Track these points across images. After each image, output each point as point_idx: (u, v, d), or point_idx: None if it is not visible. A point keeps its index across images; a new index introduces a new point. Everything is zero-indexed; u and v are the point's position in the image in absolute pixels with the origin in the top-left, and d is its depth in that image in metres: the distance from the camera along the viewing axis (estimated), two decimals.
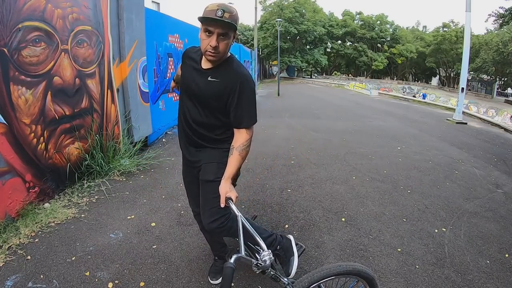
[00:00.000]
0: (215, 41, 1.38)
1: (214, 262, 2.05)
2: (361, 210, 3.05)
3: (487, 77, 32.47)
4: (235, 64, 1.54)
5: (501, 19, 31.02)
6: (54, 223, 2.52)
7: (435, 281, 2.07)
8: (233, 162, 1.48)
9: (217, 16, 1.34)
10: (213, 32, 1.37)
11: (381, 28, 40.25)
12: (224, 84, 1.49)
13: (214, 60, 1.46)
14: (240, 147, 1.50)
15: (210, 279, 1.98)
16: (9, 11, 2.38)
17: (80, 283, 1.89)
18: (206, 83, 1.51)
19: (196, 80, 1.55)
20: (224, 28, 1.37)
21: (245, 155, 1.51)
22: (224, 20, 1.34)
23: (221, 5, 1.36)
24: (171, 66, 5.94)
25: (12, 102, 2.46)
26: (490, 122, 10.80)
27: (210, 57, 1.45)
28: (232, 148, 1.51)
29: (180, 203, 3.02)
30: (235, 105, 1.50)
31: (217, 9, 1.34)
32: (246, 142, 1.52)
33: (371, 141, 6.00)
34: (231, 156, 1.50)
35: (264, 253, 1.16)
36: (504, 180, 4.17)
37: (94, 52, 3.48)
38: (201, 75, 1.54)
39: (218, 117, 1.58)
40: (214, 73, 1.51)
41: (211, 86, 1.51)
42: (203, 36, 1.41)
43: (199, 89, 1.54)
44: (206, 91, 1.52)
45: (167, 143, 5.13)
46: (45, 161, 2.83)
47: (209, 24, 1.37)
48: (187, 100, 1.61)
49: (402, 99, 19.00)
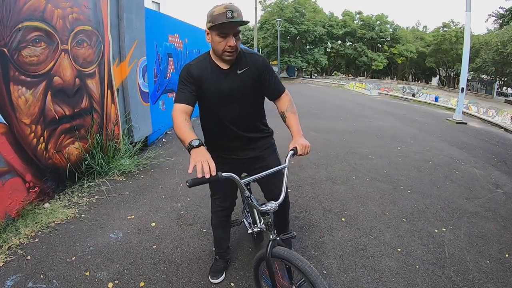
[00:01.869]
0: (233, 41, 1.45)
1: (215, 262, 2.06)
2: (361, 210, 3.05)
3: (487, 77, 32.47)
4: (246, 50, 1.68)
5: (501, 19, 31.03)
6: (54, 223, 2.52)
7: (435, 281, 2.07)
8: (294, 120, 1.64)
9: (229, 18, 1.39)
10: (229, 34, 1.44)
11: (381, 28, 40.24)
12: (255, 67, 1.61)
13: (233, 58, 1.53)
14: (289, 107, 1.67)
15: (210, 278, 1.98)
16: (9, 11, 2.38)
17: (80, 283, 1.89)
18: (238, 76, 1.59)
19: (227, 81, 1.58)
20: (237, 28, 1.46)
21: (295, 111, 1.68)
22: (237, 20, 1.40)
23: (227, 6, 1.40)
24: (171, 66, 5.94)
25: (12, 102, 2.46)
26: (490, 122, 10.80)
27: (230, 57, 1.51)
28: (284, 113, 1.67)
29: (180, 203, 3.02)
30: (269, 79, 1.65)
31: (226, 11, 1.39)
32: (290, 102, 1.69)
33: (371, 141, 6.00)
34: (287, 118, 1.66)
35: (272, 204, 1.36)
36: (504, 180, 4.17)
37: (94, 52, 3.48)
38: (228, 74, 1.58)
39: (258, 104, 1.72)
40: (239, 65, 1.59)
41: (245, 75, 1.59)
42: (217, 39, 1.46)
43: (236, 85, 1.59)
44: (244, 82, 1.60)
45: (167, 143, 5.12)
46: (45, 161, 2.83)
47: (223, 27, 1.42)
48: (221, 107, 1.62)
49: (402, 99, 19.01)
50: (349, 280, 2.04)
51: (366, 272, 2.13)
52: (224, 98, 1.60)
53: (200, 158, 1.22)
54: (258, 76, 1.62)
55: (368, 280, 2.05)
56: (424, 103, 17.50)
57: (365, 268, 2.17)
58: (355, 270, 2.15)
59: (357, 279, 2.06)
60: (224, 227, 2.00)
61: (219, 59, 1.56)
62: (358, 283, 2.02)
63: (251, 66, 1.60)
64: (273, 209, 1.35)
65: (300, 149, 1.52)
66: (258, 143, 1.77)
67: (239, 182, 1.33)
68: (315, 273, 1.27)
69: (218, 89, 1.58)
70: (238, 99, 1.61)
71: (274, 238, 1.42)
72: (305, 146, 1.53)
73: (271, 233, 1.43)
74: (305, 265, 1.29)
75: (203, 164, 1.19)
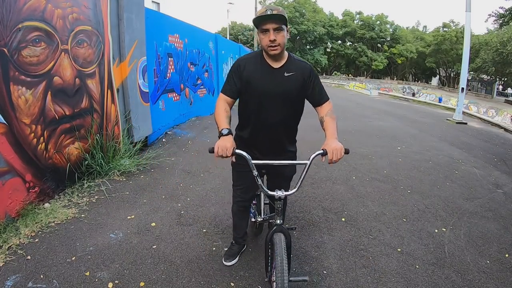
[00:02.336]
0: (273, 35, 1.57)
1: (231, 246, 2.20)
2: (361, 210, 3.05)
3: (487, 77, 32.46)
4: (296, 57, 1.78)
5: (501, 19, 30.99)
6: (54, 223, 2.52)
7: (435, 281, 2.07)
8: (331, 124, 1.70)
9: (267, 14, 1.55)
10: (269, 29, 1.57)
11: (381, 28, 40.28)
12: (301, 73, 1.71)
13: (277, 52, 1.62)
14: (329, 113, 1.74)
15: (224, 261, 2.12)
16: (9, 11, 2.38)
17: (80, 283, 1.89)
18: (284, 78, 1.70)
19: (273, 80, 1.70)
20: (276, 22, 1.56)
21: (335, 117, 1.75)
22: (274, 14, 1.54)
23: (268, 6, 1.60)
24: (171, 66, 5.94)
25: (12, 102, 2.46)
26: (490, 122, 10.80)
27: (273, 51, 1.61)
28: (322, 117, 1.74)
29: (180, 203, 3.02)
30: (313, 87, 1.74)
31: (265, 10, 1.57)
32: (331, 109, 1.77)
33: (371, 141, 6.00)
34: (325, 122, 1.72)
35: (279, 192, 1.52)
36: (504, 180, 4.17)
37: (94, 52, 3.48)
38: (276, 74, 1.70)
39: (296, 107, 1.80)
40: (287, 69, 1.70)
41: (290, 79, 1.70)
42: (261, 36, 1.61)
43: (280, 85, 1.70)
44: (288, 85, 1.71)
45: (167, 143, 5.12)
46: (45, 161, 2.83)
47: (263, 23, 1.57)
48: (263, 102, 1.74)
49: (402, 99, 19.01)
50: (349, 280, 2.04)
51: (366, 272, 2.13)
52: (266, 94, 1.72)
53: (223, 143, 1.48)
54: (302, 83, 1.72)
55: (368, 280, 2.05)
56: (424, 103, 17.51)
57: (365, 268, 2.17)
58: (355, 270, 2.15)
59: (357, 279, 2.06)
60: (242, 217, 2.11)
61: (269, 57, 1.68)
62: (358, 283, 2.02)
63: (297, 72, 1.71)
64: (278, 195, 1.51)
65: (330, 153, 1.51)
66: (282, 147, 1.87)
67: (249, 160, 1.50)
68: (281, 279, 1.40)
69: (263, 84, 1.71)
70: (277, 100, 1.72)
71: (279, 223, 1.59)
72: (337, 150, 1.51)
73: (279, 218, 1.59)
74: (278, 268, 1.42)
75: (223, 150, 1.46)
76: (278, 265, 1.44)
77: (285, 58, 1.71)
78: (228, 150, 1.46)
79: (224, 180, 3.62)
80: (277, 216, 1.60)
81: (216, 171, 3.92)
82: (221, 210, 2.91)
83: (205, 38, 7.99)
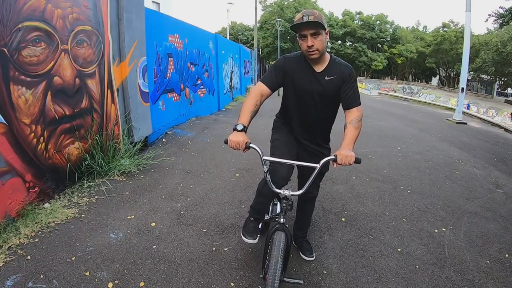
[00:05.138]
0: (311, 41, 1.62)
1: (249, 222, 2.01)
2: (361, 210, 3.05)
3: (487, 77, 32.45)
4: (338, 60, 1.81)
5: (501, 19, 30.97)
6: (54, 223, 2.52)
7: (435, 281, 2.07)
8: (351, 133, 1.72)
9: (303, 20, 1.59)
10: (306, 35, 1.62)
11: (381, 28, 40.27)
12: (341, 78, 1.76)
13: (316, 57, 1.69)
14: (354, 121, 1.75)
15: (246, 238, 1.95)
16: (9, 11, 2.38)
17: (80, 283, 1.89)
18: (325, 82, 1.77)
19: (315, 83, 1.78)
20: (313, 28, 1.60)
21: (358, 126, 1.76)
22: (310, 21, 1.58)
23: (304, 12, 1.64)
24: (171, 66, 5.94)
25: (12, 102, 2.45)
26: (490, 122, 10.80)
27: (313, 55, 1.67)
28: (347, 123, 1.77)
29: (180, 203, 3.02)
30: (347, 90, 1.77)
31: (302, 16, 1.62)
32: (358, 117, 1.77)
33: (371, 141, 6.00)
34: (347, 129, 1.75)
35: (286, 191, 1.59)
36: (504, 180, 4.17)
37: (94, 52, 3.48)
38: (318, 78, 1.77)
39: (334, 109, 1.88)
40: (328, 73, 1.76)
41: (331, 83, 1.77)
42: (301, 42, 1.67)
43: (322, 88, 1.78)
44: (329, 88, 1.77)
45: (167, 143, 5.12)
46: (45, 161, 2.82)
47: (300, 29, 1.62)
48: (303, 101, 1.83)
49: (402, 99, 19.03)
50: (349, 280, 2.04)
51: (366, 272, 2.13)
52: (306, 96, 1.80)
53: (236, 138, 1.58)
54: (340, 86, 1.76)
55: (368, 280, 2.05)
56: (424, 103, 17.52)
57: (365, 268, 2.17)
58: (355, 270, 2.15)
59: (357, 279, 2.06)
60: (267, 198, 1.99)
61: (310, 60, 1.74)
62: (358, 283, 2.02)
63: (338, 76, 1.75)
64: (284, 194, 1.57)
65: (340, 158, 1.57)
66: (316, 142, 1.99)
67: (261, 155, 1.57)
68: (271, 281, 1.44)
69: (304, 85, 1.78)
70: (320, 99, 1.79)
71: (282, 222, 1.63)
72: (346, 156, 1.56)
73: (283, 217, 1.63)
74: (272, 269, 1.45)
75: (235, 144, 1.57)
76: (272, 266, 1.46)
77: (327, 61, 1.76)
78: (241, 144, 1.56)
79: (224, 180, 3.62)
80: (282, 214, 1.63)
81: (216, 171, 3.92)
82: (221, 210, 2.91)
83: (205, 38, 8.00)
